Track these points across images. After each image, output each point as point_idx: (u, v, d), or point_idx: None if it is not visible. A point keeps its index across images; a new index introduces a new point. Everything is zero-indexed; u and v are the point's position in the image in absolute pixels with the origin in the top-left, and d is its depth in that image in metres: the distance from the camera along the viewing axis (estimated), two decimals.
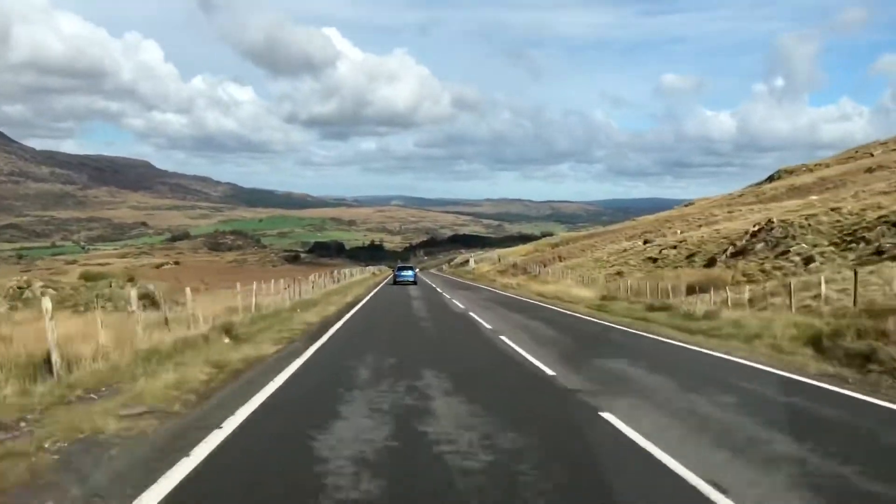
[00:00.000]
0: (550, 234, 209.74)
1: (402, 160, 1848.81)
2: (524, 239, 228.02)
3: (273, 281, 28.11)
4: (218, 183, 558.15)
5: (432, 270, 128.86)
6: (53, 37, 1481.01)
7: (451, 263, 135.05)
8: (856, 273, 17.79)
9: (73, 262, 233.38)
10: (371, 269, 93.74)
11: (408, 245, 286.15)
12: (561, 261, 64.39)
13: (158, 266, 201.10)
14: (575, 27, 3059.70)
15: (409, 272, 55.83)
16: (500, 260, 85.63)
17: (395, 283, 52.66)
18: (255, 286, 23.25)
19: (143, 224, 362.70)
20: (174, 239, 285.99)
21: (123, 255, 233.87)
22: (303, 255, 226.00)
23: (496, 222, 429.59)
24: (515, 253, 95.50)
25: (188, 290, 18.95)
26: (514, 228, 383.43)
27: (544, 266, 60.16)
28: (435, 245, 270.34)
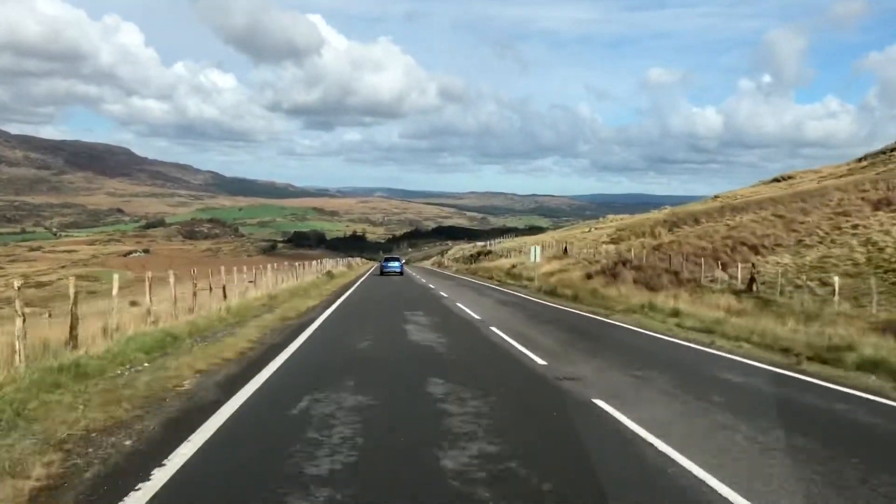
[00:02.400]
0: (540, 228, 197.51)
1: (386, 151, 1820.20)
2: (508, 231, 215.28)
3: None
4: (199, 171, 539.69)
5: (426, 265, 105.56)
6: (30, 17, 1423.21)
7: (452, 256, 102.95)
8: None
9: (38, 248, 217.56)
10: (330, 264, 59.99)
11: (391, 236, 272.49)
12: (740, 252, 31.59)
13: (126, 254, 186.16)
14: (560, 21, 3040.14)
15: (396, 263, 56.40)
16: (565, 251, 50.17)
17: (382, 273, 53.83)
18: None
19: (119, 211, 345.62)
20: (148, 226, 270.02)
21: (91, 243, 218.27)
22: (280, 245, 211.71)
23: (480, 215, 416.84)
24: (586, 241, 55.93)
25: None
26: (498, 221, 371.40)
27: (720, 265, 29.28)
28: (419, 237, 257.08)
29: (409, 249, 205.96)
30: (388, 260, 59.01)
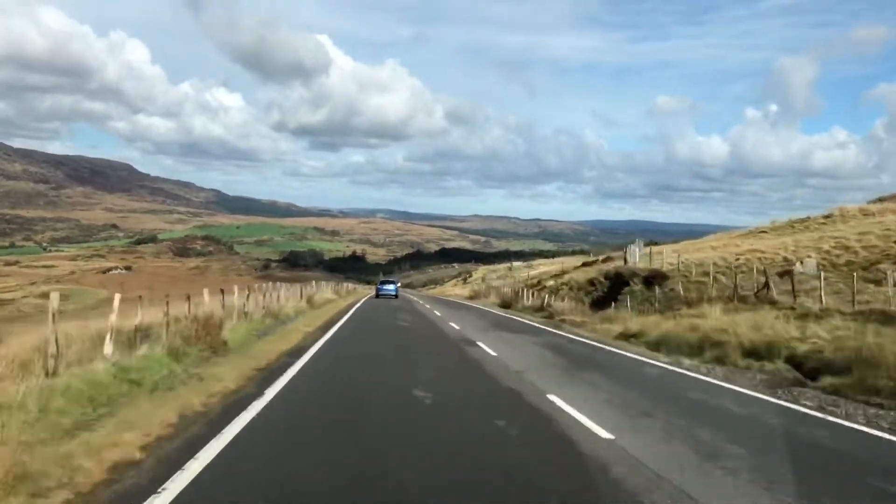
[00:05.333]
0: (551, 252, 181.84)
1: (390, 174, 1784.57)
2: (511, 256, 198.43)
3: None
4: (201, 189, 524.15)
5: (450, 295, 74.67)
6: (35, 32, 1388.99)
7: (509, 283, 66.62)
8: None
9: (15, 262, 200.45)
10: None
11: (392, 258, 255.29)
12: None
13: (105, 271, 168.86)
14: (565, 49, 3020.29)
15: (392, 286, 57.57)
16: None
17: (378, 296, 53.90)
18: None
19: (114, 226, 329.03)
20: (139, 242, 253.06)
21: (73, 258, 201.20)
22: (274, 265, 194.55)
23: (483, 238, 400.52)
24: None
25: None
26: (501, 245, 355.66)
27: None
28: (422, 258, 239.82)
29: (412, 272, 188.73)
30: (383, 283, 60.43)
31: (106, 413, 7.61)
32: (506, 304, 43.30)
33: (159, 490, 5.26)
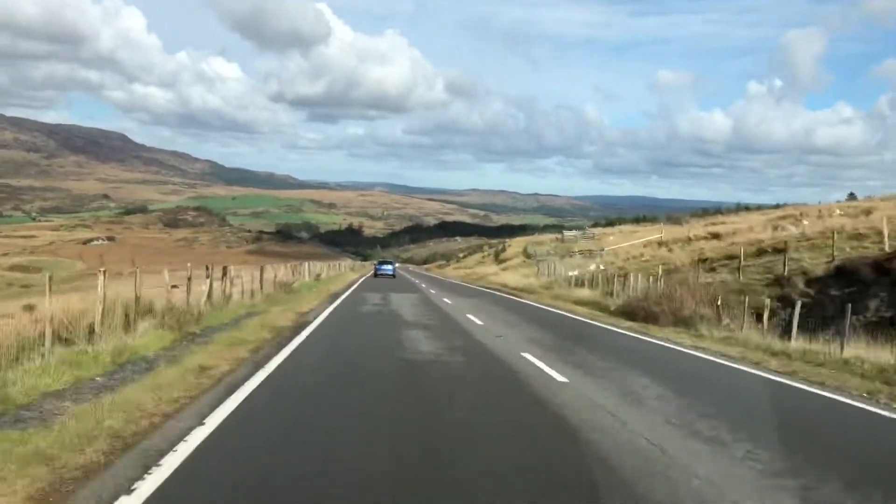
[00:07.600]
0: (557, 227, 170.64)
1: (389, 147, 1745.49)
2: (515, 230, 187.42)
3: None
4: (197, 160, 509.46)
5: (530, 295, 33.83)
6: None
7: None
8: None
9: None
10: None
11: (391, 231, 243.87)
12: None
13: (86, 242, 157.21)
14: (565, 23, 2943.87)
15: (389, 266, 56.45)
16: None
17: (376, 275, 52.52)
18: None
19: (105, 196, 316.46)
20: (128, 213, 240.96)
21: (56, 228, 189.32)
22: (266, 237, 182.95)
23: (482, 212, 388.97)
24: None
25: None
26: (500, 219, 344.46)
27: None
28: (421, 232, 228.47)
29: (411, 245, 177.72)
30: (381, 263, 59.96)
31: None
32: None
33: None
